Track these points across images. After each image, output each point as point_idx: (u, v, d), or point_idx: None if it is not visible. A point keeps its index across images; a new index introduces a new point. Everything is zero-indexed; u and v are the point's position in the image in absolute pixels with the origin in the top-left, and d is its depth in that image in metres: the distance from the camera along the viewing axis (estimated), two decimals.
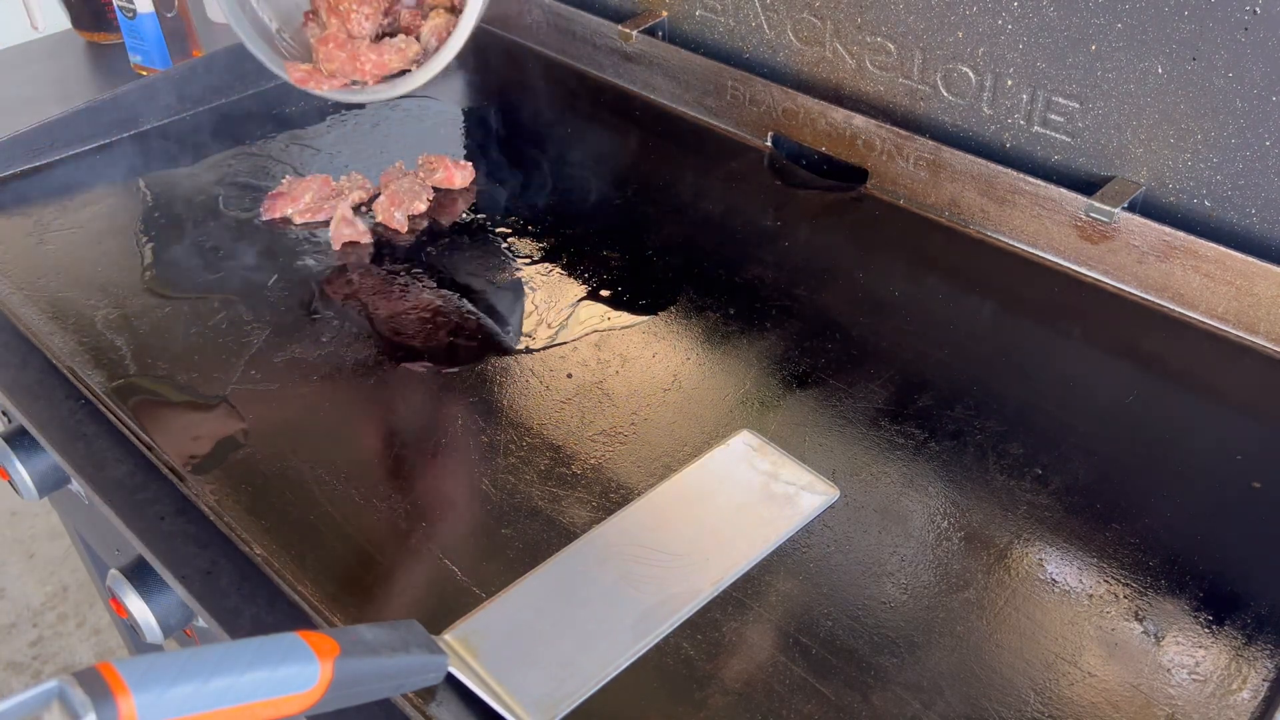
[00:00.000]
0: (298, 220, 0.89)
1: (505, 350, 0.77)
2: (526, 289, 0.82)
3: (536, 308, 0.81)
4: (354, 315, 0.80)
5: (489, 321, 0.80)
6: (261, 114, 1.06)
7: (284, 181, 0.93)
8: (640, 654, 0.56)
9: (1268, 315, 0.74)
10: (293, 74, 0.88)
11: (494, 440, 0.69)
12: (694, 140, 1.02)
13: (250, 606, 0.63)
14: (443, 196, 0.93)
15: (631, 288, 0.82)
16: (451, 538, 0.63)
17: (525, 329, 0.78)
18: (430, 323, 0.79)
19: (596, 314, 0.80)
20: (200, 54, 1.19)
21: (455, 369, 0.75)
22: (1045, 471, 0.66)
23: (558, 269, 0.85)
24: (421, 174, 0.94)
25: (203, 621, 0.66)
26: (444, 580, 0.60)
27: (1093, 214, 0.80)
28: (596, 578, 0.59)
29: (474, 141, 1.02)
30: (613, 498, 0.65)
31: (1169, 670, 0.55)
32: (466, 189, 0.94)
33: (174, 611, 0.71)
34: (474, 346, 0.77)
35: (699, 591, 0.59)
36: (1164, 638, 0.56)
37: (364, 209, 0.91)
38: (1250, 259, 0.74)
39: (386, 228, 0.89)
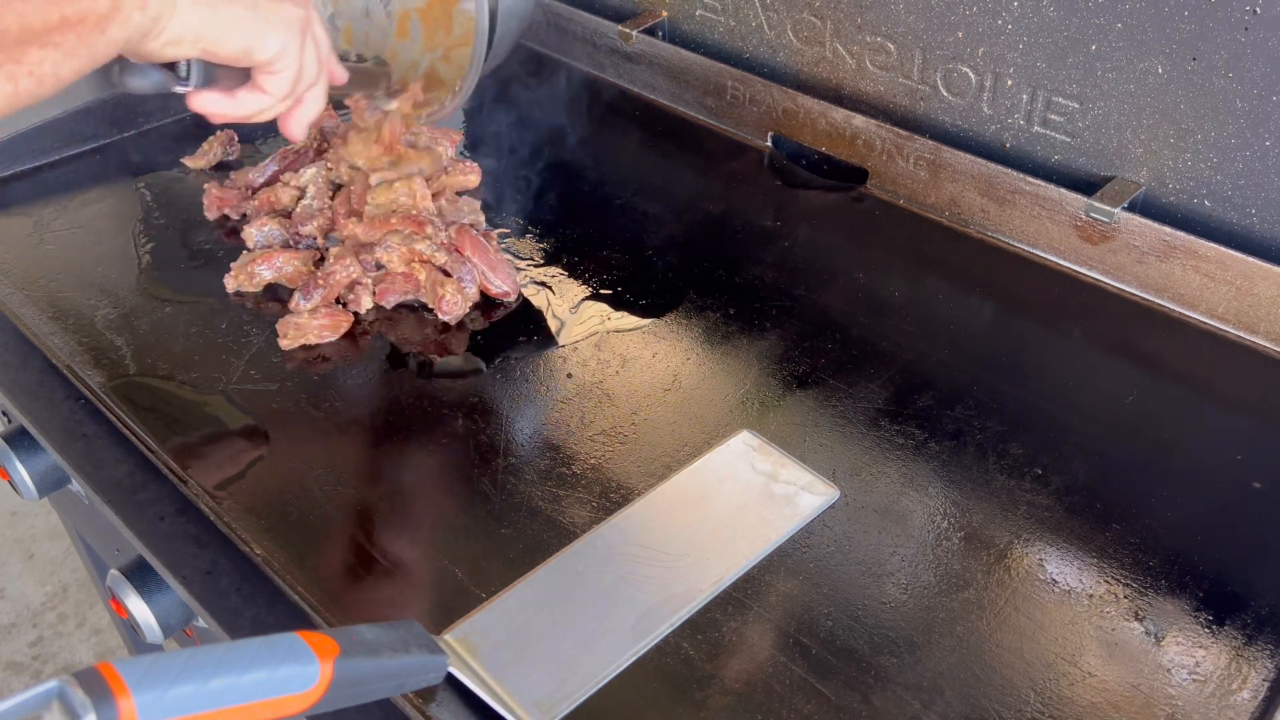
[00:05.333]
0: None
1: (506, 351, 0.77)
2: (527, 290, 0.82)
3: (537, 308, 0.81)
4: (354, 315, 0.80)
5: (489, 323, 0.80)
6: None
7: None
8: (640, 654, 0.56)
9: (1268, 315, 0.74)
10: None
11: (494, 440, 0.69)
12: (694, 140, 1.02)
13: (250, 607, 0.63)
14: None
15: (632, 288, 0.82)
16: (451, 538, 0.63)
17: (526, 330, 0.78)
18: (431, 324, 0.79)
19: (597, 314, 0.80)
20: None
21: (456, 369, 0.75)
22: (1045, 471, 0.66)
23: (558, 269, 0.85)
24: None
25: (203, 621, 0.66)
26: (444, 580, 0.60)
27: (1093, 214, 0.80)
28: (596, 578, 0.59)
29: (474, 142, 1.02)
30: (613, 498, 0.65)
31: (1169, 670, 0.55)
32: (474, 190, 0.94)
33: (174, 611, 0.71)
34: (475, 347, 0.77)
35: (699, 591, 0.59)
36: (1164, 638, 0.56)
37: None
38: (1250, 259, 0.74)
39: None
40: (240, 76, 0.62)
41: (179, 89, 0.60)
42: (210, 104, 0.62)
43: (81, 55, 0.48)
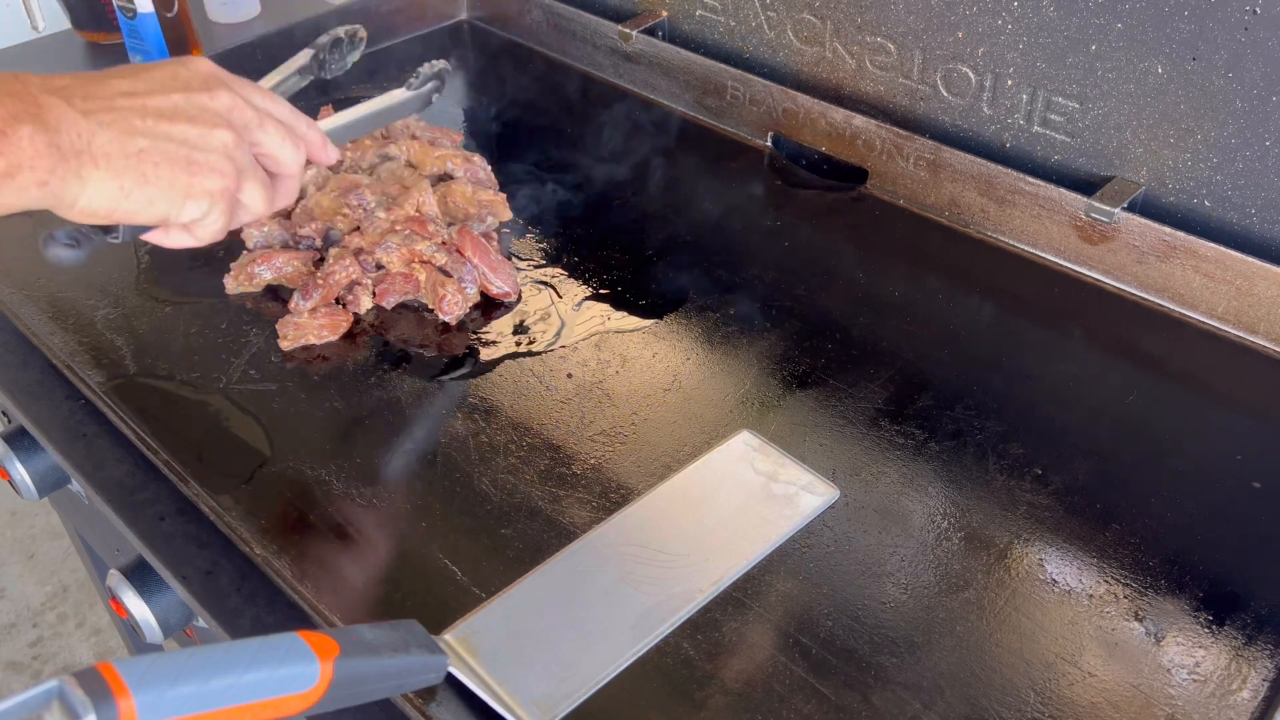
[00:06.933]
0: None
1: (505, 351, 0.77)
2: (527, 290, 0.82)
3: (537, 309, 0.81)
4: (354, 315, 0.80)
5: (489, 322, 0.80)
6: None
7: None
8: (640, 654, 0.56)
9: (1268, 315, 0.74)
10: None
11: (494, 440, 0.69)
12: (694, 140, 1.02)
13: (250, 606, 0.63)
14: None
15: (631, 288, 0.82)
16: (451, 538, 0.63)
17: (526, 330, 0.78)
18: (431, 324, 0.79)
19: (597, 314, 0.80)
20: (200, 54, 1.20)
21: (456, 369, 0.75)
22: (1045, 471, 0.66)
23: (557, 270, 0.85)
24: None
25: (203, 621, 0.66)
26: (444, 580, 0.60)
27: (1093, 214, 0.80)
28: (596, 578, 0.59)
29: (474, 142, 1.02)
30: (613, 498, 0.65)
31: (1169, 670, 0.55)
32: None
33: (174, 611, 0.71)
34: (475, 348, 0.77)
35: (699, 591, 0.59)
36: (1164, 638, 0.56)
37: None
38: (1250, 259, 0.74)
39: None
40: None
41: (109, 240, 0.59)
42: (151, 237, 0.61)
43: None
